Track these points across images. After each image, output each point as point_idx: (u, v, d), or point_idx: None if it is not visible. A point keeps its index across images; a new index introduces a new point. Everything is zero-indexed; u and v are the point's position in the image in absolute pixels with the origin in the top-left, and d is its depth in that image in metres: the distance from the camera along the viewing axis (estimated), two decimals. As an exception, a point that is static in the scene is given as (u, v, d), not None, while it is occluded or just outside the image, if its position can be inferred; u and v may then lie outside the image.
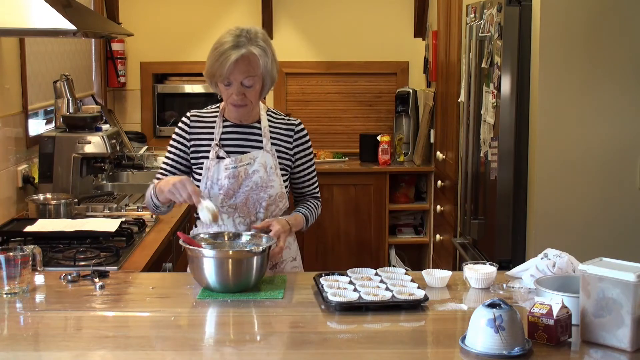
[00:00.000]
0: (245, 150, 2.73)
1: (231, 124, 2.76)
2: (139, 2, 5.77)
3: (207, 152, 2.73)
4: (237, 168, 2.69)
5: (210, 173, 2.70)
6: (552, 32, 3.22)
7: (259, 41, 2.62)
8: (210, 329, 2.21)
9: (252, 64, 2.60)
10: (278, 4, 5.80)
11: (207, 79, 2.68)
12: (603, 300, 1.96)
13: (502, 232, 3.49)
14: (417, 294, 2.30)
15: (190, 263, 2.44)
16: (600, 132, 3.28)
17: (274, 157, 2.73)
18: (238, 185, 2.69)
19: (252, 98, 2.67)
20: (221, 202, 2.70)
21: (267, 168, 2.71)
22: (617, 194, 3.29)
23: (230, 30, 2.64)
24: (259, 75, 2.63)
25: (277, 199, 2.74)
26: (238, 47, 2.58)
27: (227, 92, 2.66)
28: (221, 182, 2.69)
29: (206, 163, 2.71)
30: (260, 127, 2.76)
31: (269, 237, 2.55)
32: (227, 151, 2.72)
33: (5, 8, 2.80)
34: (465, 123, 4.00)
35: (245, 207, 2.71)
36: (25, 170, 3.78)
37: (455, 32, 4.64)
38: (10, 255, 2.39)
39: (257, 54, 2.60)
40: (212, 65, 2.61)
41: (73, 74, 4.53)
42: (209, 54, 2.64)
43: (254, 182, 2.70)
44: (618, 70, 3.24)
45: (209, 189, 2.70)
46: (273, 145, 2.74)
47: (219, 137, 2.74)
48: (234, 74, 2.60)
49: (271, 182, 2.71)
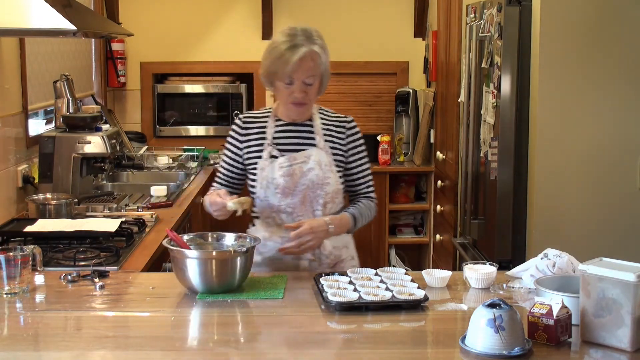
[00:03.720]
0: (299, 149, 2.73)
1: (284, 123, 2.77)
2: (139, 2, 5.77)
3: (260, 152, 2.74)
4: (291, 166, 2.69)
5: (265, 173, 2.71)
6: (552, 32, 3.22)
7: (318, 39, 2.65)
8: (210, 329, 2.21)
9: (314, 62, 2.62)
10: (278, 4, 5.80)
11: (265, 78, 2.71)
12: (603, 300, 1.96)
13: (502, 232, 3.49)
14: (417, 294, 2.30)
15: (174, 264, 2.43)
16: (600, 132, 3.28)
17: (328, 154, 2.74)
18: (294, 183, 2.70)
19: (312, 96, 2.69)
20: (279, 201, 2.71)
21: (322, 165, 2.71)
22: (617, 194, 3.29)
23: (285, 30, 2.66)
24: (319, 73, 2.65)
25: (333, 195, 2.74)
26: (299, 46, 2.60)
27: (288, 90, 2.66)
28: (276, 181, 2.69)
29: (260, 163, 2.72)
30: (313, 124, 2.77)
31: (253, 238, 2.55)
32: (281, 150, 2.73)
33: (5, 8, 2.80)
34: (465, 123, 4.00)
35: (303, 205, 2.72)
36: (25, 170, 3.78)
37: (455, 32, 4.64)
38: (10, 255, 2.39)
39: (318, 52, 2.62)
40: (273, 65, 2.63)
41: (73, 74, 4.53)
42: (266, 55, 2.67)
43: (310, 180, 2.70)
44: (618, 70, 3.24)
45: (265, 188, 2.71)
46: (327, 143, 2.75)
47: (271, 136, 2.74)
48: (297, 72, 2.61)
49: (327, 179, 2.71)
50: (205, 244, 2.55)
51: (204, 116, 5.80)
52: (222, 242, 2.57)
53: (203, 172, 5.02)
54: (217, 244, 2.56)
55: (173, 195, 4.11)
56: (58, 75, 4.31)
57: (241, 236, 2.57)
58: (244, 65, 5.82)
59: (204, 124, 5.81)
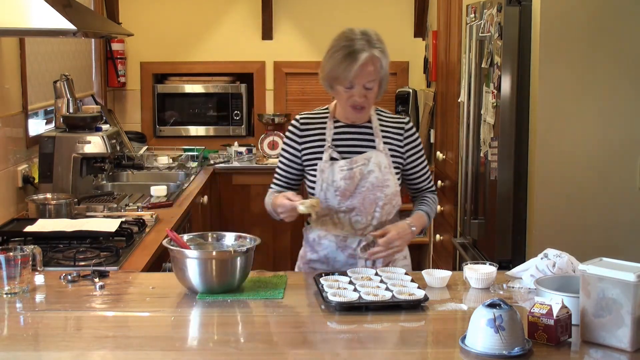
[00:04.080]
0: (358, 150, 2.74)
1: (343, 125, 2.77)
2: (139, 2, 5.77)
3: (319, 153, 2.74)
4: (352, 169, 2.70)
5: (324, 175, 2.71)
6: (552, 32, 3.22)
7: (378, 43, 2.64)
8: (210, 329, 2.21)
9: (374, 66, 2.62)
10: (278, 4, 5.80)
11: (325, 81, 2.70)
12: (603, 300, 1.96)
13: (502, 232, 3.49)
14: (417, 294, 2.30)
15: (174, 264, 2.44)
16: (600, 132, 3.27)
17: (387, 156, 2.74)
18: (354, 186, 2.70)
19: (371, 100, 2.69)
20: (338, 203, 2.71)
21: (382, 167, 2.72)
22: (617, 194, 3.29)
23: (345, 32, 2.65)
24: (379, 78, 2.65)
25: (392, 197, 2.75)
26: (360, 51, 2.59)
27: (347, 94, 2.66)
28: (337, 183, 2.70)
29: (320, 165, 2.72)
30: (372, 126, 2.77)
31: (252, 238, 2.55)
32: (340, 152, 2.74)
33: (5, 8, 2.80)
34: (465, 123, 3.99)
35: (362, 207, 2.72)
36: (25, 170, 3.78)
37: (455, 32, 4.64)
38: (10, 255, 2.39)
39: (378, 57, 2.62)
40: (335, 69, 2.62)
41: (73, 74, 4.53)
42: (326, 59, 2.66)
43: (370, 182, 2.71)
44: (618, 70, 3.24)
45: (325, 190, 2.71)
46: (385, 145, 2.75)
47: (331, 138, 2.75)
48: (358, 77, 2.61)
49: (387, 182, 2.72)
50: (205, 244, 2.55)
51: (204, 116, 5.80)
52: (222, 242, 2.57)
53: (203, 172, 5.02)
54: (217, 244, 2.56)
55: (173, 195, 4.12)
56: (58, 75, 4.31)
57: (241, 236, 2.57)
58: (244, 65, 5.82)
59: (204, 124, 5.81)
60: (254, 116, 5.80)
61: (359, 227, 2.73)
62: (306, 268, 2.82)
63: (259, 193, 5.31)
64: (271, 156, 5.47)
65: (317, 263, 2.78)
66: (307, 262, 2.81)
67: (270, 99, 5.85)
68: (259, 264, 2.65)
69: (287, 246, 5.29)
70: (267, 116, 5.60)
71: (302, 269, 2.84)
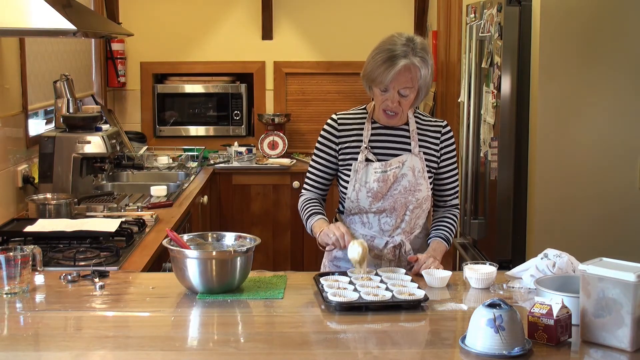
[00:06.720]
0: (393, 153, 2.74)
1: (380, 126, 2.77)
2: (139, 2, 5.77)
3: (355, 153, 2.74)
4: (386, 172, 2.70)
5: (358, 175, 2.72)
6: (552, 32, 3.22)
7: (421, 52, 2.62)
8: (210, 329, 2.21)
9: (412, 75, 2.60)
10: (278, 4, 5.80)
11: (364, 80, 2.70)
12: (603, 300, 1.96)
13: (502, 232, 3.49)
14: (417, 294, 2.31)
15: (174, 264, 2.44)
16: (601, 132, 3.27)
17: (421, 161, 2.74)
18: (387, 188, 2.70)
19: (404, 107, 2.68)
20: (369, 204, 2.72)
21: (415, 172, 2.72)
22: (617, 194, 3.29)
23: (393, 36, 2.64)
24: (415, 86, 2.64)
25: (422, 202, 2.75)
26: (401, 57, 2.58)
27: (382, 97, 2.66)
28: (369, 185, 2.70)
29: (354, 165, 2.72)
30: (409, 129, 2.77)
31: (252, 238, 2.55)
32: (375, 153, 2.73)
33: (5, 8, 2.80)
34: (465, 123, 4.00)
35: (392, 209, 2.73)
36: (25, 170, 3.78)
37: (455, 32, 4.64)
38: (10, 255, 2.39)
39: (418, 66, 2.60)
40: (374, 70, 2.62)
41: (73, 74, 4.53)
42: (371, 57, 2.65)
43: (403, 186, 2.71)
44: (618, 70, 3.24)
45: (357, 191, 2.71)
46: (421, 148, 2.75)
47: (367, 139, 2.74)
48: (394, 82, 2.61)
49: (419, 186, 2.72)
50: (205, 244, 2.55)
51: (204, 116, 5.81)
52: (222, 242, 2.57)
53: (203, 172, 5.02)
54: (217, 244, 2.56)
55: (173, 195, 4.12)
56: (58, 75, 4.31)
57: (241, 236, 2.57)
58: (244, 65, 5.82)
59: (204, 124, 5.81)
60: (254, 116, 5.80)
61: (387, 228, 2.74)
62: (331, 266, 2.82)
63: (259, 193, 5.32)
64: (271, 156, 5.48)
65: (342, 261, 2.78)
66: (333, 259, 2.82)
67: (270, 99, 5.84)
68: (259, 264, 2.65)
69: (287, 246, 5.29)
70: (267, 116, 5.60)
71: (327, 266, 2.85)
